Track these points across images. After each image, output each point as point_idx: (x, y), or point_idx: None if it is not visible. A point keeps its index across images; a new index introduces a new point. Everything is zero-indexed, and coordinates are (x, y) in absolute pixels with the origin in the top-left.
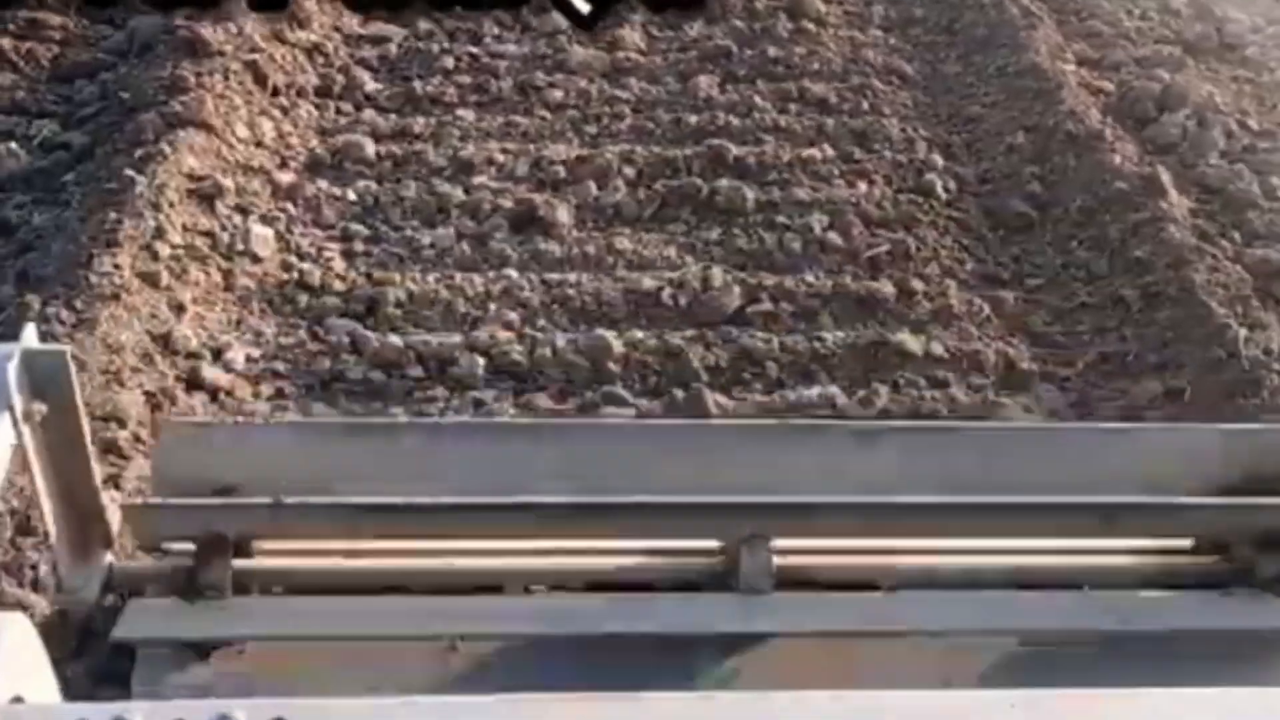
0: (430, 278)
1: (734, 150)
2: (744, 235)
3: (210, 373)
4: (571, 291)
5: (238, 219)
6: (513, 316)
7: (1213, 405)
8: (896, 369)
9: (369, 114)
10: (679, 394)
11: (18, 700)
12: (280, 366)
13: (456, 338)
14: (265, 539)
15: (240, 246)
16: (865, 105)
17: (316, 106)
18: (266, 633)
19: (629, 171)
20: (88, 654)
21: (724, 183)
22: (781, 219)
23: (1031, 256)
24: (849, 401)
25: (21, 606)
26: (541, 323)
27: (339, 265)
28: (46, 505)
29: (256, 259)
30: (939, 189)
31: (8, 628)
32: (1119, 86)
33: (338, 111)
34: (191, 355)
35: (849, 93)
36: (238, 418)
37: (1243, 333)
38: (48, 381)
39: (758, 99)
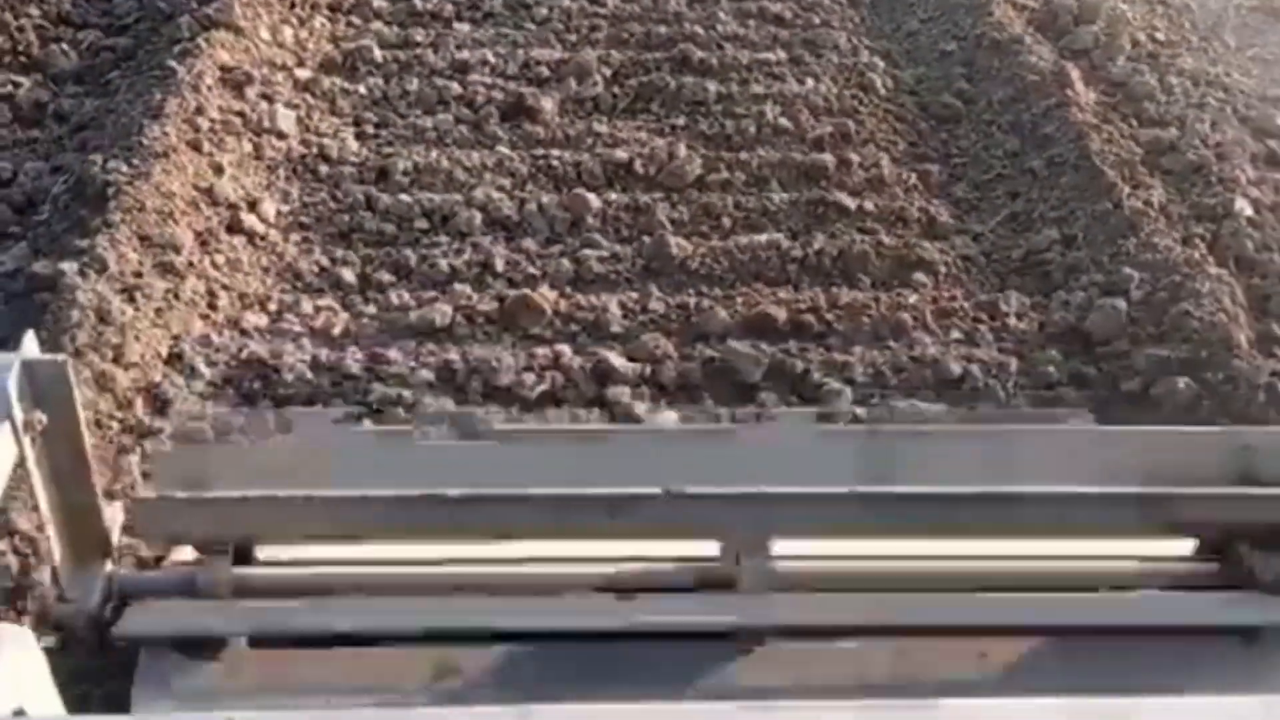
0: (433, 153)
1: (698, 54)
2: (706, 121)
3: (247, 219)
4: (555, 163)
5: (264, 104)
6: (504, 182)
7: (1099, 246)
8: (833, 222)
9: (376, 25)
10: (646, 240)
11: (20, 713)
12: (305, 219)
13: (457, 197)
14: (266, 544)
15: (267, 125)
16: (817, 20)
17: (329, 19)
18: (266, 629)
19: (606, 71)
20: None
21: (689, 79)
22: (739, 109)
23: (957, 140)
24: (792, 244)
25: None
26: (529, 187)
27: (353, 144)
28: (46, 514)
29: (282, 136)
30: (879, 86)
31: (10, 641)
32: (1042, 4)
33: (348, 24)
34: (231, 206)
35: (802, 10)
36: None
37: (1127, 189)
38: (48, 391)
39: (721, 14)
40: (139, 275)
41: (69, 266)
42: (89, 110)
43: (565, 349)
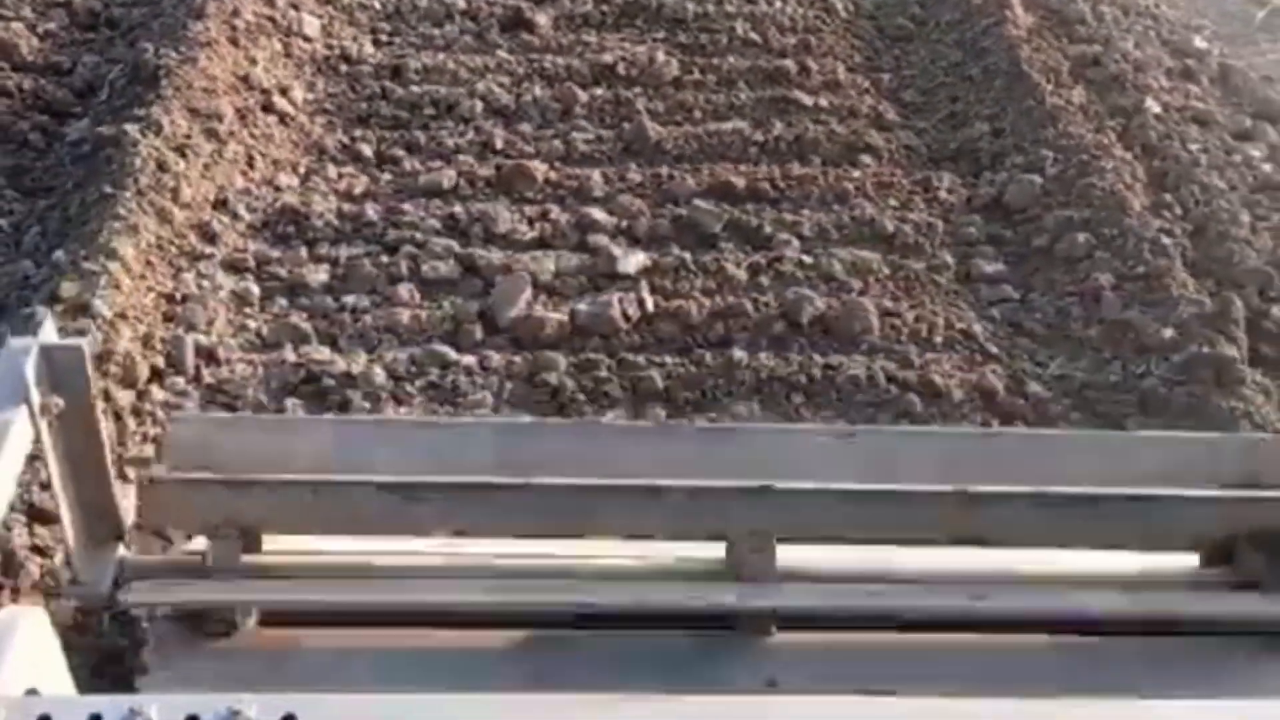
0: (440, 56)
1: None
2: (684, 34)
3: (279, 103)
4: (548, 66)
5: (292, 11)
6: (503, 80)
7: (1022, 135)
8: (792, 115)
9: None
10: (626, 125)
11: (32, 693)
12: (329, 106)
13: (461, 90)
14: (274, 533)
15: (295, 29)
16: None
17: None
18: (272, 600)
19: None
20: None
21: (670, 0)
22: (713, 25)
23: (908, 55)
24: (754, 131)
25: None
26: (525, 84)
27: (370, 48)
28: (61, 498)
29: (308, 39)
30: (840, 10)
31: (23, 621)
32: None
33: None
34: (264, 91)
35: None
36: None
37: (1050, 89)
38: (65, 376)
39: None
40: (188, 138)
41: (130, 128)
42: (137, 16)
43: (554, 208)
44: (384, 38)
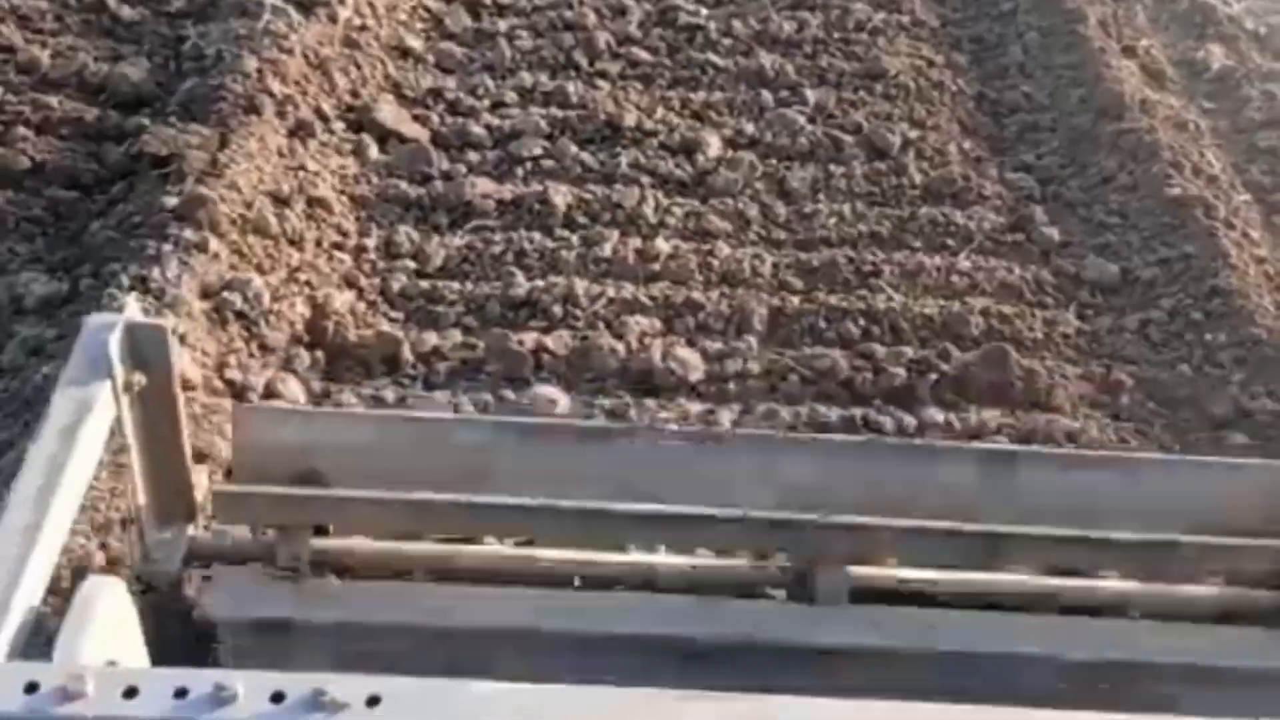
0: None
1: None
2: None
3: None
4: None
5: None
6: None
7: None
8: None
9: None
10: None
11: (111, 664)
12: None
13: None
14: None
15: None
16: None
17: None
18: (348, 619)
19: None
20: None
21: None
22: None
23: None
24: None
25: None
26: None
27: None
28: (136, 475)
29: None
30: None
31: (103, 593)
32: None
33: None
34: None
35: None
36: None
37: None
38: (148, 354)
39: None
40: None
41: None
42: None
43: None
44: None
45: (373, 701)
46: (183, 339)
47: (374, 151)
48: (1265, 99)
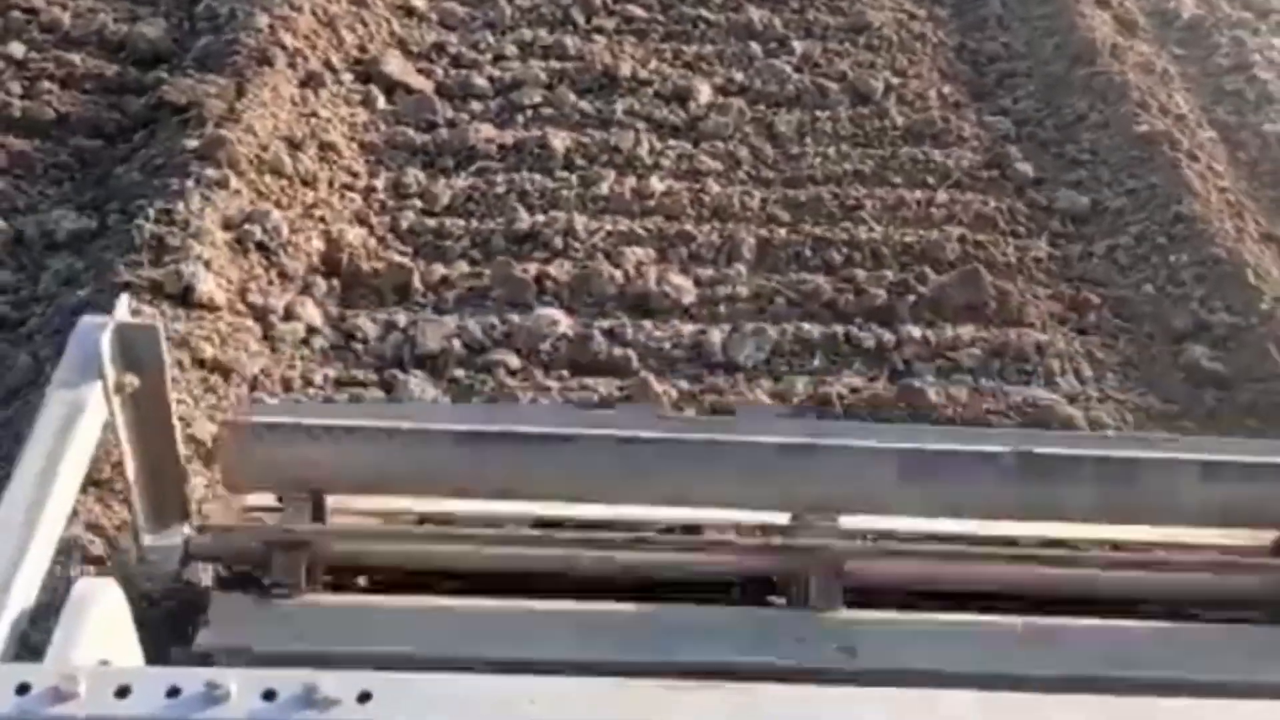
0: None
1: None
2: None
3: None
4: None
5: None
6: None
7: None
8: None
9: None
10: None
11: (105, 664)
12: None
13: None
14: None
15: None
16: None
17: None
18: (349, 651)
19: None
20: None
21: None
22: None
23: None
24: None
25: None
26: None
27: None
28: (130, 476)
29: None
30: None
31: (99, 594)
32: None
33: None
34: None
35: None
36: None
37: None
38: (140, 355)
39: None
40: None
41: None
42: None
43: None
44: None
45: (364, 698)
46: (207, 265)
47: (381, 102)
48: (1234, 45)
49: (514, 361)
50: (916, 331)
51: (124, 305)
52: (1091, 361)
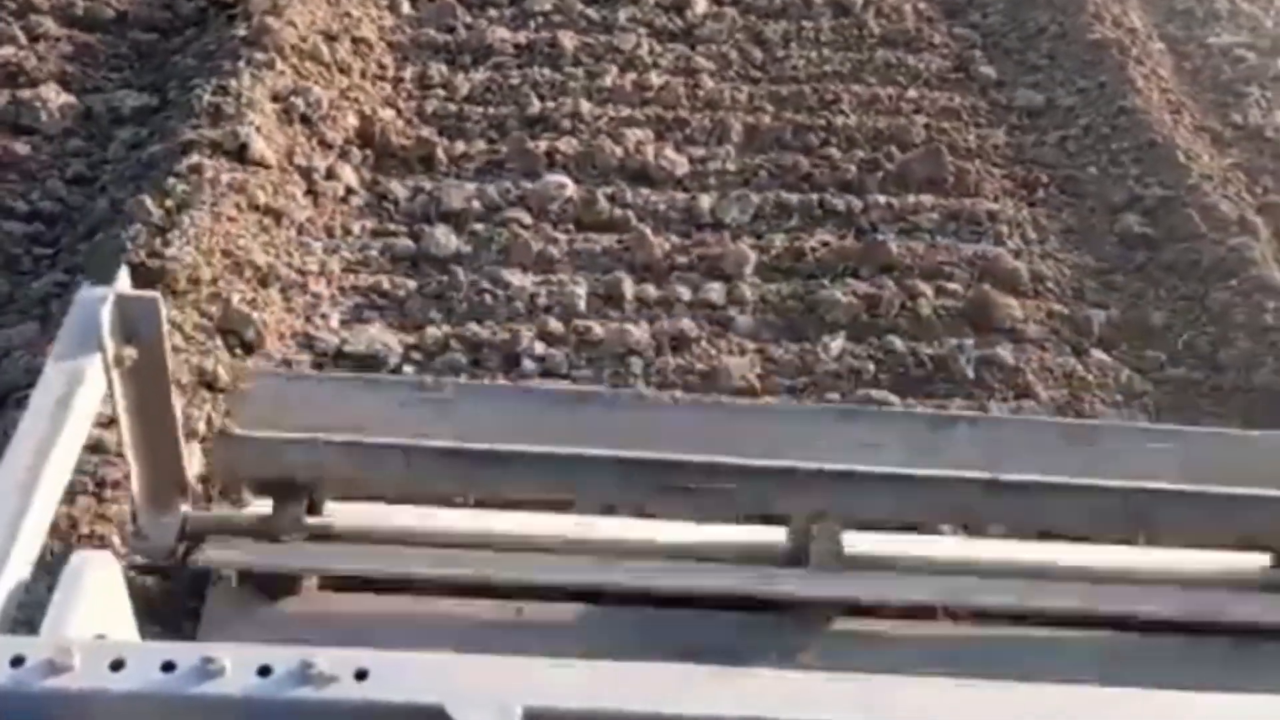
0: None
1: None
2: None
3: None
4: None
5: None
6: None
7: None
8: None
9: None
10: None
11: (100, 638)
12: None
13: None
14: (337, 497)
15: None
16: None
17: None
18: (339, 568)
19: None
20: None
21: None
22: None
23: None
24: None
25: None
26: None
27: None
28: (128, 452)
29: None
30: None
31: (94, 566)
32: None
33: None
34: None
35: None
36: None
37: None
38: (139, 327)
39: None
40: None
41: None
42: None
43: None
44: None
45: (361, 675)
46: (258, 129)
47: (406, 7)
48: None
49: (526, 218)
50: (882, 199)
51: (124, 276)
52: (1037, 227)
